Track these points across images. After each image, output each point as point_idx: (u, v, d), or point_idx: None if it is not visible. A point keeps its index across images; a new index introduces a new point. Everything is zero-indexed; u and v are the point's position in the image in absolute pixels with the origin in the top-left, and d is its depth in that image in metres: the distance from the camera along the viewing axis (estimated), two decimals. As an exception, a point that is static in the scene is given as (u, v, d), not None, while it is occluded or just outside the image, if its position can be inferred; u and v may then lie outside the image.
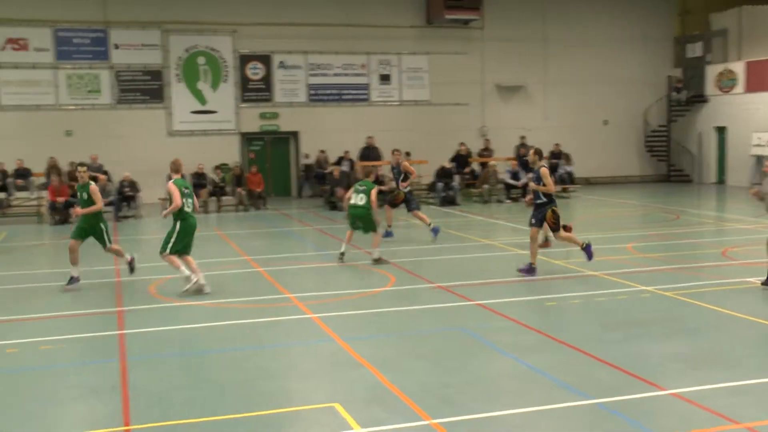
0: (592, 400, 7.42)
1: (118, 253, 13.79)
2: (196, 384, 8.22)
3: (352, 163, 27.39)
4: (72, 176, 23.92)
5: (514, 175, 26.83)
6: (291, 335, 10.23)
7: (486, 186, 26.61)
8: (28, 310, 11.93)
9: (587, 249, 13.55)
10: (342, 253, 15.11)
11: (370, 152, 27.33)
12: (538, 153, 13.66)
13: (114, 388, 8.05)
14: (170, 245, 12.40)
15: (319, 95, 30.04)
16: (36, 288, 13.64)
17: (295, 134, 30.01)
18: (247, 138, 29.62)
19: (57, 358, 9.37)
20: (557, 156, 28.75)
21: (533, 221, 13.49)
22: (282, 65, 29.59)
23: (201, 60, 28.76)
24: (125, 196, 23.74)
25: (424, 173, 27.36)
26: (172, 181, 12.59)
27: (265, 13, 28.94)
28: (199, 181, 25.53)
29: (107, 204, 23.05)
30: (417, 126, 30.69)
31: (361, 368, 8.56)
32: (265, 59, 29.44)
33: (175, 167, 13.08)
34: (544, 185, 13.20)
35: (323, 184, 26.95)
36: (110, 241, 13.56)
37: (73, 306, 11.98)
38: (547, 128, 31.59)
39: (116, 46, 27.73)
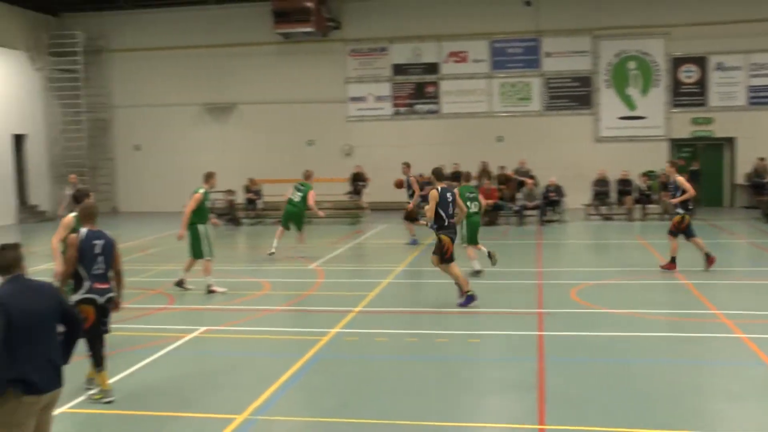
0: None
1: None
2: (613, 392, 8.07)
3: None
4: (501, 179, 25.01)
5: None
6: (715, 353, 9.59)
7: None
8: (454, 304, 12.69)
9: (468, 298, 11.95)
10: None
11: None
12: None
13: (531, 387, 8.21)
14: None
15: (761, 98, 27.80)
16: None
17: (730, 140, 28.16)
18: (677, 144, 28.47)
19: (480, 352, 9.83)
20: None
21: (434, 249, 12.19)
22: (719, 67, 27.92)
23: (631, 65, 28.29)
24: (550, 201, 24.20)
25: None
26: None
27: (701, 12, 27.53)
28: (624, 188, 25.15)
29: (533, 208, 23.76)
30: None
31: (797, 397, 7.74)
32: (700, 61, 28.02)
33: (204, 178, 14.08)
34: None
35: (761, 194, 24.90)
36: None
37: (497, 304, 12.46)
38: None
39: (547, 54, 28.43)
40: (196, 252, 13.65)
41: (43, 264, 17.00)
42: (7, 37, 27.87)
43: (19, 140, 28.45)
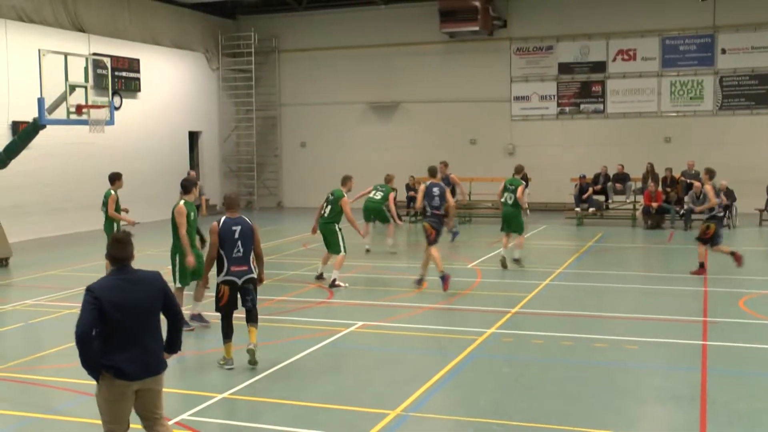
0: None
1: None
2: (782, 409, 7.63)
3: None
4: (668, 181, 24.06)
5: None
6: None
7: None
8: (617, 308, 12.36)
9: (443, 278, 13.58)
10: None
11: None
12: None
13: (693, 398, 7.88)
14: None
15: None
16: (625, 288, 14.06)
17: None
18: None
19: (639, 359, 9.52)
20: None
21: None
22: None
23: (818, 60, 26.43)
24: (724, 206, 22.98)
25: None
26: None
27: None
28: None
29: (701, 211, 22.62)
30: None
31: None
32: None
33: (343, 181, 14.93)
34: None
35: None
36: None
37: (658, 310, 12.03)
38: None
39: (723, 51, 27.04)
40: (335, 248, 14.30)
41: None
42: (189, 40, 29.45)
43: (193, 137, 30.01)
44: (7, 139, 19.44)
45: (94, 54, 21.63)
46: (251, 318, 9.13)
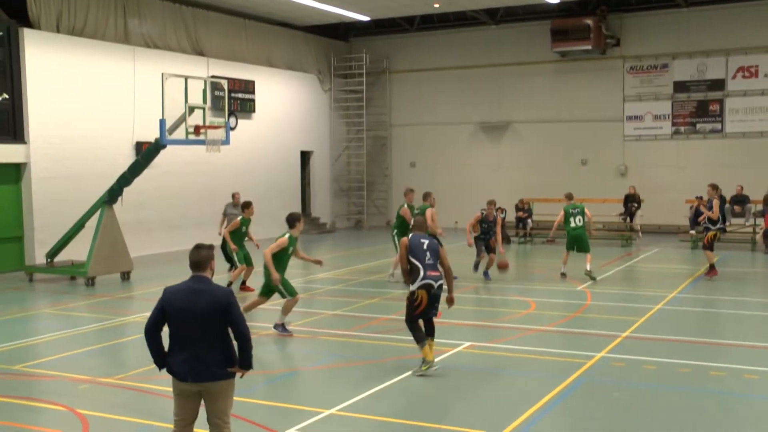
0: None
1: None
2: None
3: None
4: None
5: None
6: None
7: None
8: (735, 335, 11.89)
9: None
10: None
11: None
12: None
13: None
14: None
15: None
16: (744, 315, 13.52)
17: None
18: None
19: (760, 389, 9.12)
20: None
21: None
22: None
23: None
24: None
25: None
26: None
27: None
28: None
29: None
30: None
31: None
32: None
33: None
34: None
35: None
36: None
37: (781, 338, 11.52)
38: None
39: None
40: None
41: (320, 273, 18.18)
42: (302, 62, 30.11)
43: (305, 156, 30.61)
44: (132, 158, 20.30)
45: (213, 77, 22.39)
46: (431, 330, 9.79)
